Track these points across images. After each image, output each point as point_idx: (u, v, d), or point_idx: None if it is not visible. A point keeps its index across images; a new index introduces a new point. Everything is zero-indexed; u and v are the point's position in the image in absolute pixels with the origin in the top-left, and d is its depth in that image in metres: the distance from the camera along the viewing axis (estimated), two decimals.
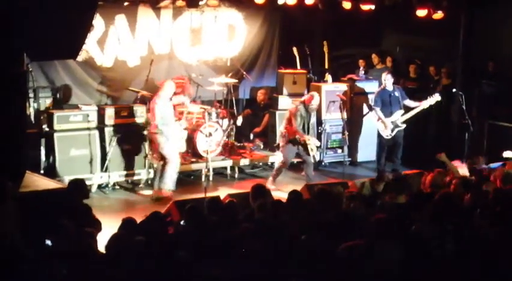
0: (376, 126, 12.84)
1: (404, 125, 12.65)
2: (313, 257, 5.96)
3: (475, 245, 6.49)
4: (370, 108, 13.45)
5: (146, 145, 11.54)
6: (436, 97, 12.47)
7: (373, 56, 15.14)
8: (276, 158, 12.41)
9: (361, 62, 15.06)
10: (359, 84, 13.82)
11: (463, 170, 9.73)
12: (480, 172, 9.57)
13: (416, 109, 12.61)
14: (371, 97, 13.54)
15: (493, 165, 10.34)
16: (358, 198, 7.97)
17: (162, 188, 10.87)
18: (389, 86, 12.67)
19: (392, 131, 12.62)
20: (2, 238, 6.27)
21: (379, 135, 12.86)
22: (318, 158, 11.99)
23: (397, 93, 12.68)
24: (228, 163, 12.41)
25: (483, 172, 9.56)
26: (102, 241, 6.62)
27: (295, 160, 12.12)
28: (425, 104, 12.53)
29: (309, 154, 11.42)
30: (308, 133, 11.42)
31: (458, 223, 6.89)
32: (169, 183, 10.88)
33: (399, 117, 12.60)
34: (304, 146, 11.40)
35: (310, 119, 11.48)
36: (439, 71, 14.33)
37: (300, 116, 11.31)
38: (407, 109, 12.68)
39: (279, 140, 12.00)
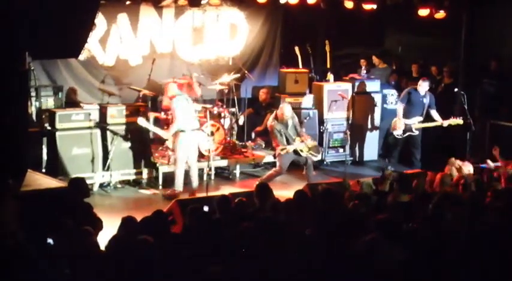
0: (392, 122, 12.75)
1: (417, 132, 12.55)
2: (319, 255, 5.96)
3: (476, 244, 6.49)
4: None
5: (149, 143, 11.54)
6: (459, 121, 12.32)
7: (373, 57, 15.14)
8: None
9: (362, 62, 15.06)
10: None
11: (468, 168, 9.72)
12: (487, 170, 9.59)
13: (435, 123, 12.51)
14: (373, 96, 13.55)
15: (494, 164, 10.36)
16: (361, 197, 7.97)
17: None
18: (422, 91, 12.59)
19: (403, 133, 12.54)
20: (4, 237, 6.26)
21: (390, 134, 12.81)
22: (319, 154, 11.93)
23: (425, 100, 12.57)
24: (229, 162, 12.40)
25: (490, 171, 9.58)
26: (103, 240, 6.62)
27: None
28: (446, 123, 12.41)
29: (302, 156, 11.41)
30: (296, 136, 11.39)
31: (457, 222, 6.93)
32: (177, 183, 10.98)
33: (415, 123, 12.51)
34: (296, 151, 11.41)
35: (288, 126, 11.42)
36: (441, 70, 14.32)
37: (279, 132, 11.30)
38: (428, 118, 12.61)
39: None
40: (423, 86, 12.59)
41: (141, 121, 11.01)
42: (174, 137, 10.90)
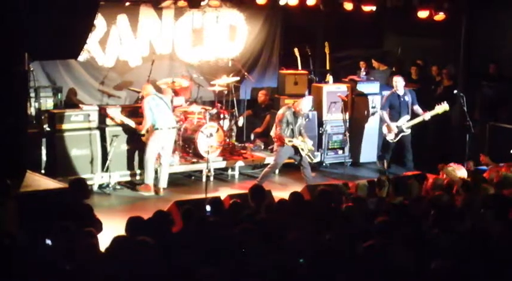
0: (382, 128, 12.80)
1: (409, 131, 12.55)
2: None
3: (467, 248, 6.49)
4: (367, 111, 13.49)
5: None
6: (445, 106, 12.29)
7: (373, 61, 15.13)
8: None
9: (362, 64, 15.05)
10: (360, 85, 13.80)
11: (461, 171, 9.72)
12: (477, 174, 9.58)
13: (420, 118, 12.43)
14: (372, 98, 13.55)
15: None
16: (356, 200, 7.97)
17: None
18: (401, 90, 12.56)
19: (396, 135, 12.55)
20: (3, 237, 6.26)
21: (383, 137, 12.83)
22: (314, 159, 11.93)
23: (407, 98, 12.55)
24: (228, 164, 12.40)
25: (481, 173, 9.57)
26: (102, 241, 6.62)
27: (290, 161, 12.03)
28: (428, 115, 12.39)
29: (301, 155, 11.40)
30: (299, 135, 11.37)
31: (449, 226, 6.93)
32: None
33: (405, 122, 12.50)
34: (296, 148, 11.39)
35: (297, 122, 11.40)
36: (440, 72, 14.32)
37: (286, 122, 11.22)
38: (414, 115, 12.62)
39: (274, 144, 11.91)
40: (399, 83, 12.55)
41: (111, 112, 11.20)
42: (150, 133, 11.05)
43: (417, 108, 12.59)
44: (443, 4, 13.20)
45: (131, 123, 11.22)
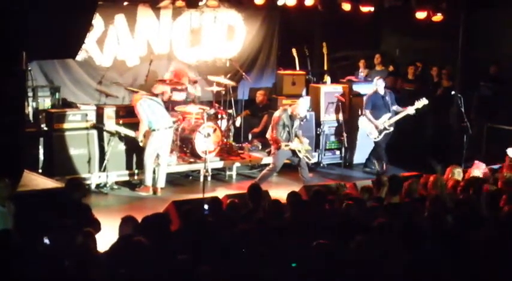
0: (364, 128, 12.90)
1: (392, 128, 12.70)
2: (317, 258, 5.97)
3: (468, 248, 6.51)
4: (361, 111, 13.54)
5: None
6: (423, 101, 12.56)
7: (377, 55, 15.07)
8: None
9: (362, 63, 15.05)
10: (358, 86, 13.81)
11: (479, 170, 9.75)
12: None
13: (403, 113, 12.72)
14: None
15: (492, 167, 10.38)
16: (355, 199, 7.96)
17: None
18: (381, 91, 12.77)
19: (380, 133, 12.67)
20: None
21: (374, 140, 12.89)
22: (312, 159, 11.94)
23: (387, 98, 12.80)
24: (226, 164, 12.40)
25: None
26: (100, 241, 6.61)
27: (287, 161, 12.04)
28: (411, 109, 12.64)
29: (298, 157, 11.41)
30: (295, 136, 11.39)
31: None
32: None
33: (386, 120, 12.66)
34: (294, 150, 11.40)
35: (294, 124, 11.42)
36: (440, 72, 14.32)
37: (282, 125, 11.26)
38: (395, 114, 12.78)
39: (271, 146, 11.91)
40: (380, 85, 12.80)
41: (109, 126, 11.16)
42: (147, 135, 11.08)
43: (397, 107, 12.88)
44: (441, 5, 13.21)
45: (129, 132, 11.21)
